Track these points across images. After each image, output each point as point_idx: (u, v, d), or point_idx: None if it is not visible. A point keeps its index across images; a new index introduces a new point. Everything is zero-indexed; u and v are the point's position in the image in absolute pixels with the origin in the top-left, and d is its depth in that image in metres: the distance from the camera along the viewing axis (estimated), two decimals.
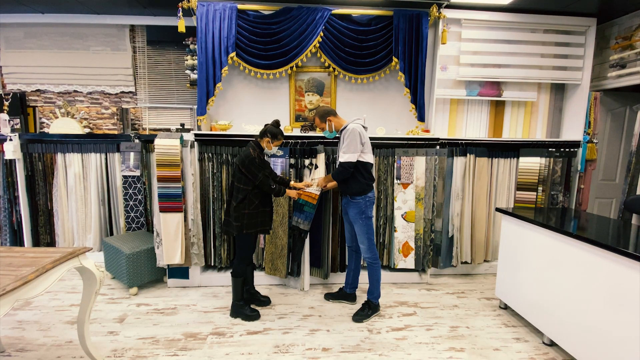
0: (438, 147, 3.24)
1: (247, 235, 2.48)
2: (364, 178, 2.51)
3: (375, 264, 2.61)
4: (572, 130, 3.67)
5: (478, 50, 3.46)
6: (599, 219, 2.61)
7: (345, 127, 2.52)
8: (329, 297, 2.94)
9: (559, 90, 3.78)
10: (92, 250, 3.84)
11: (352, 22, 3.28)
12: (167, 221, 2.92)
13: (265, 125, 2.53)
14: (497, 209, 2.85)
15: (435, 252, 3.33)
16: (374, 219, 2.80)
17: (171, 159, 2.86)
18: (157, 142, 2.85)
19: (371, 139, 2.76)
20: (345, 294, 2.89)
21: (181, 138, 2.91)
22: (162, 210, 2.90)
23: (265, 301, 2.81)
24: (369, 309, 2.64)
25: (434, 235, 3.27)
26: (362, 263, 2.92)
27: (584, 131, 3.58)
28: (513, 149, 3.52)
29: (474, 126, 3.71)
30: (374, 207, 3.09)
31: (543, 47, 3.54)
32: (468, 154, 3.34)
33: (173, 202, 2.90)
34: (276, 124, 2.52)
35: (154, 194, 3.06)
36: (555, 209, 3.20)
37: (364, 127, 2.54)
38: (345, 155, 2.45)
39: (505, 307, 2.84)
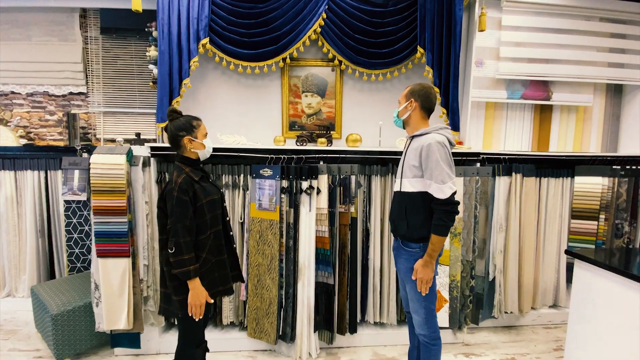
0: (478, 164, 2.46)
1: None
2: (430, 216, 1.62)
3: (433, 345, 1.75)
4: (632, 141, 2.97)
5: (522, 41, 2.76)
6: None
7: (420, 135, 1.66)
8: None
9: (616, 93, 3.07)
10: (24, 296, 3.01)
11: (363, 1, 2.55)
12: (108, 270, 2.08)
13: (166, 128, 1.61)
14: (567, 252, 2.07)
15: (476, 304, 2.52)
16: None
17: (113, 182, 2.04)
18: (94, 159, 2.03)
19: (390, 153, 2.28)
20: None
21: (129, 153, 2.09)
22: (101, 254, 2.07)
23: None
24: None
25: (475, 281, 2.47)
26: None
27: None
28: (566, 166, 2.78)
29: (515, 136, 2.99)
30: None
31: (597, 39, 2.84)
32: (514, 173, 2.58)
33: (116, 244, 2.06)
34: (170, 112, 1.61)
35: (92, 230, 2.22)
36: None
37: (450, 143, 1.66)
38: (444, 187, 1.55)
39: None
